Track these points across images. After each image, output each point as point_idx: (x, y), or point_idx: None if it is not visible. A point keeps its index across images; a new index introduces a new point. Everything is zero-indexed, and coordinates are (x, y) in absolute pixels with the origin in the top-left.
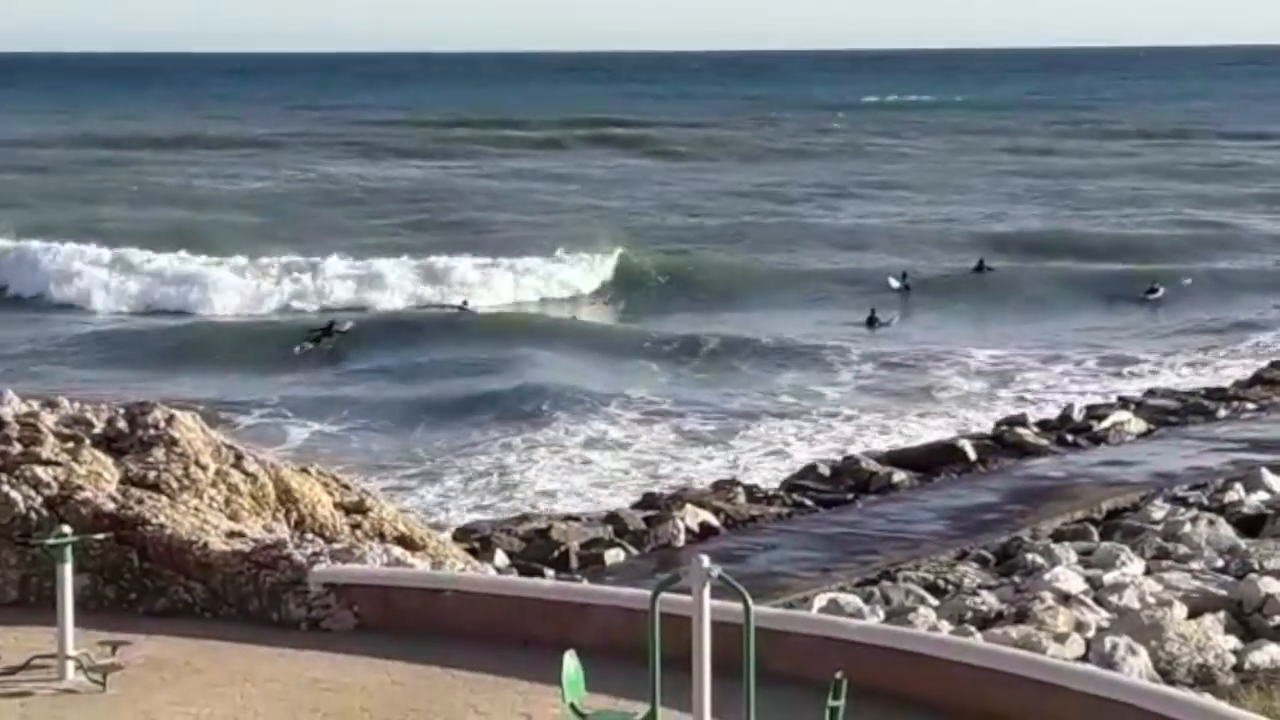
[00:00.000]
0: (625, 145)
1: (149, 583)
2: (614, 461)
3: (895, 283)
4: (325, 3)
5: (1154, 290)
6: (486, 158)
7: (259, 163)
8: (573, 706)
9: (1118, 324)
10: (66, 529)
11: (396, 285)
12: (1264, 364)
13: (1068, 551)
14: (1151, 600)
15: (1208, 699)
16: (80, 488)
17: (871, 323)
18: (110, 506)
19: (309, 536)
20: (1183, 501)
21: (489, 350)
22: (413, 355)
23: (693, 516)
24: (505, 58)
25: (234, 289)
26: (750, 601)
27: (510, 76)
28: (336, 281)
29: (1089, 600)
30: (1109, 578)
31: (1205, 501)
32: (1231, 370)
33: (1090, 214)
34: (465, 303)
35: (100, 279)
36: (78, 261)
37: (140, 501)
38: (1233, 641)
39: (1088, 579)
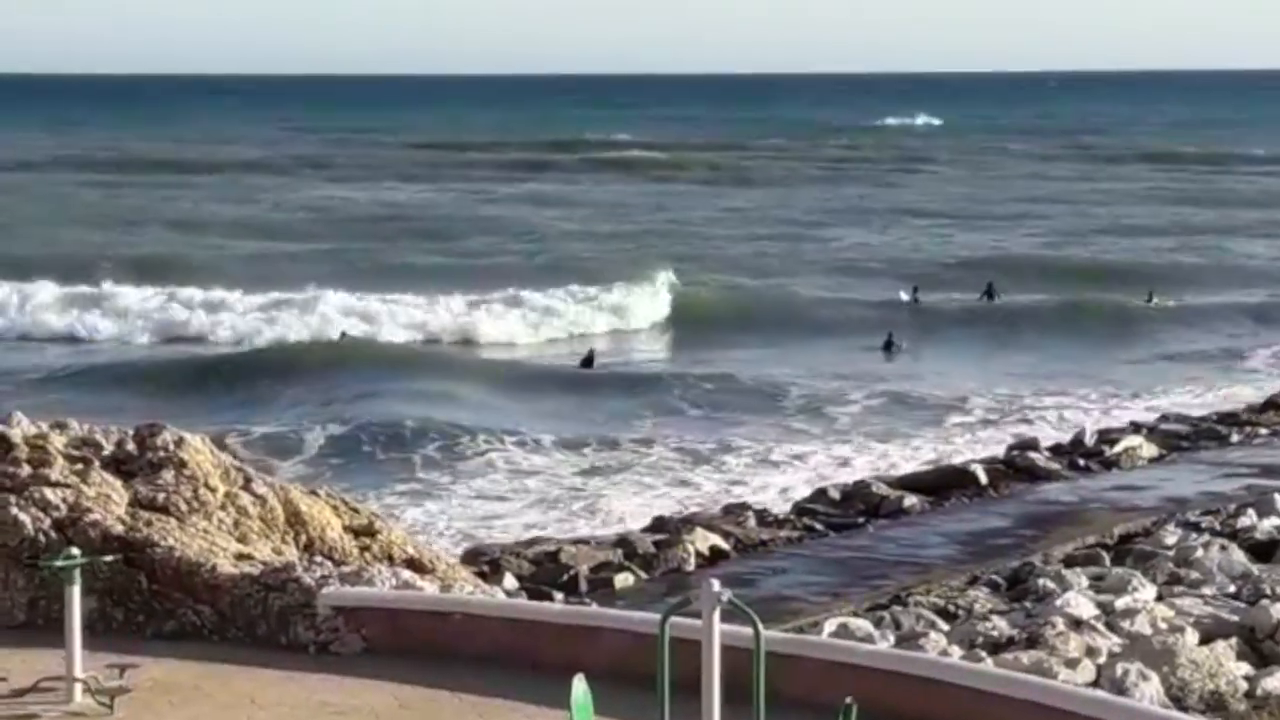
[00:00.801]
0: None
1: (157, 605)
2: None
3: (905, 295)
4: (311, 25)
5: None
6: (490, 181)
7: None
8: None
9: (1123, 350)
10: (75, 551)
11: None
12: (1277, 389)
13: (1079, 577)
14: (1163, 626)
15: None
16: (89, 510)
17: (889, 347)
18: (119, 529)
19: (318, 559)
20: (1195, 527)
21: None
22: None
23: (702, 540)
24: (499, 80)
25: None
26: (760, 626)
27: (499, 98)
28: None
29: (1100, 626)
30: (1121, 603)
31: (1217, 527)
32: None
33: (1096, 239)
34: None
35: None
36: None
37: (149, 524)
38: (1245, 668)
39: (1099, 604)
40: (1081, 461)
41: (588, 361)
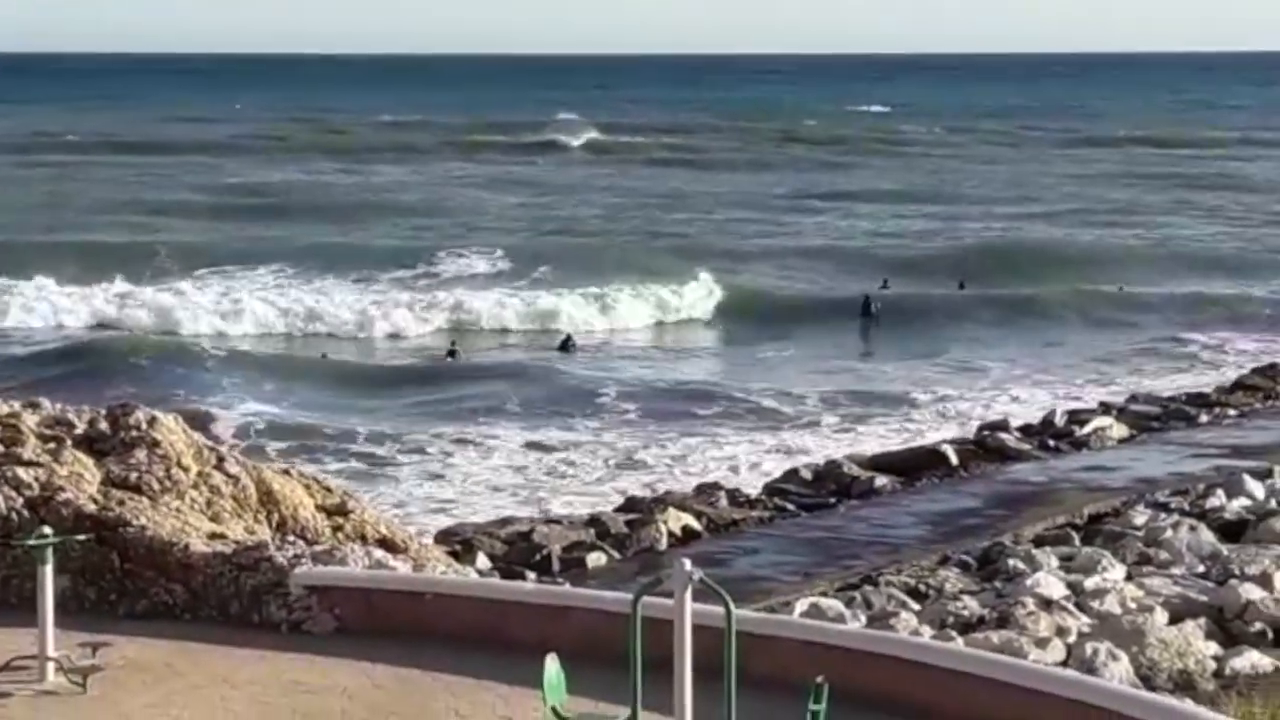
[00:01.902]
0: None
1: (130, 584)
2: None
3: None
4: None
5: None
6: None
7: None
8: (554, 710)
9: (1094, 336)
10: (47, 530)
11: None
12: (1245, 371)
13: (1049, 557)
14: (1133, 606)
15: (1188, 704)
16: (61, 489)
17: (867, 311)
18: (91, 508)
19: (290, 538)
20: (1164, 507)
21: None
22: None
23: (675, 520)
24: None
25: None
26: (732, 605)
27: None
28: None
29: (1070, 606)
30: (1090, 583)
31: (1187, 507)
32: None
33: (1072, 224)
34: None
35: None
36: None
37: (121, 503)
38: (1213, 647)
39: (1069, 584)
40: (1051, 442)
41: (565, 345)
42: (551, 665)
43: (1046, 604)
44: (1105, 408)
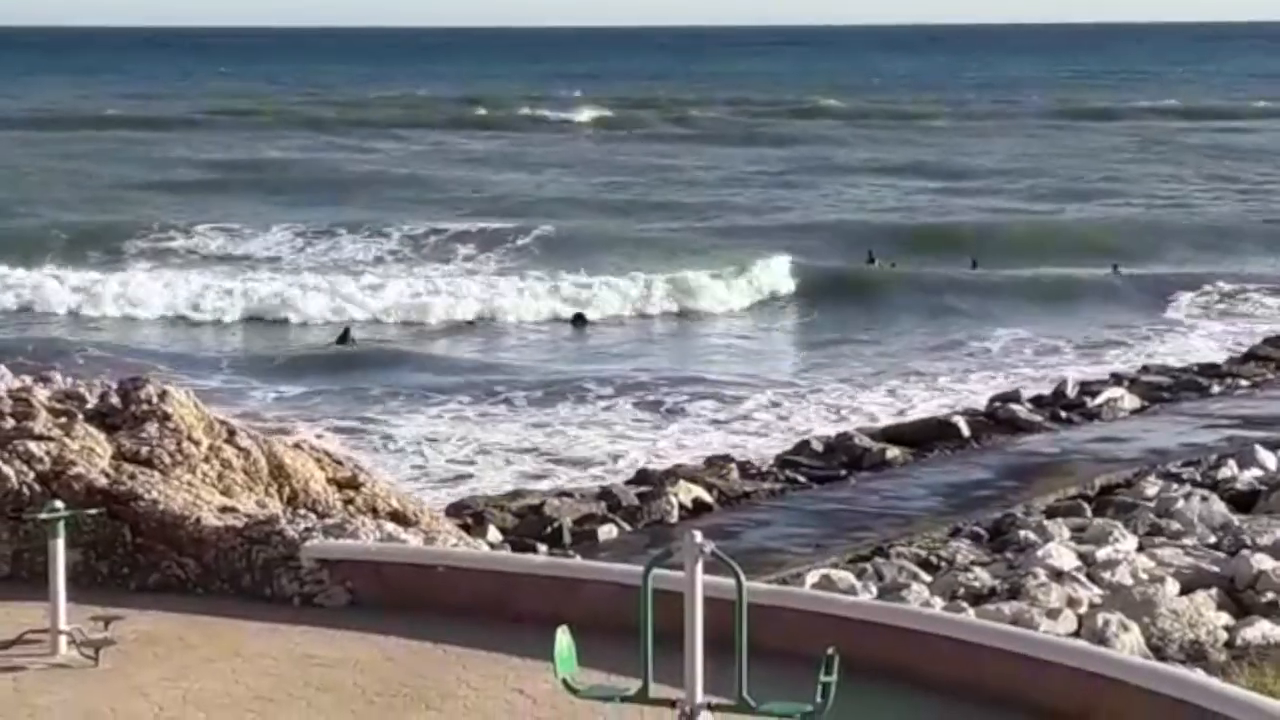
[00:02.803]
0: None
1: (141, 558)
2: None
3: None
4: None
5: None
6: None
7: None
8: (565, 682)
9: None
10: (59, 504)
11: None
12: (1257, 341)
13: (1060, 528)
14: (1144, 577)
15: (1199, 675)
16: (73, 463)
17: (871, 261)
18: (103, 482)
19: (302, 512)
20: (1176, 478)
21: None
22: None
23: (685, 493)
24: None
25: None
26: (743, 577)
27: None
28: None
29: (1081, 577)
30: (1102, 554)
31: (1198, 478)
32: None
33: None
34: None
35: None
36: None
37: (133, 477)
38: (1225, 618)
39: (1080, 555)
40: (1063, 413)
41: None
42: (562, 638)
43: (1058, 575)
44: (1117, 379)
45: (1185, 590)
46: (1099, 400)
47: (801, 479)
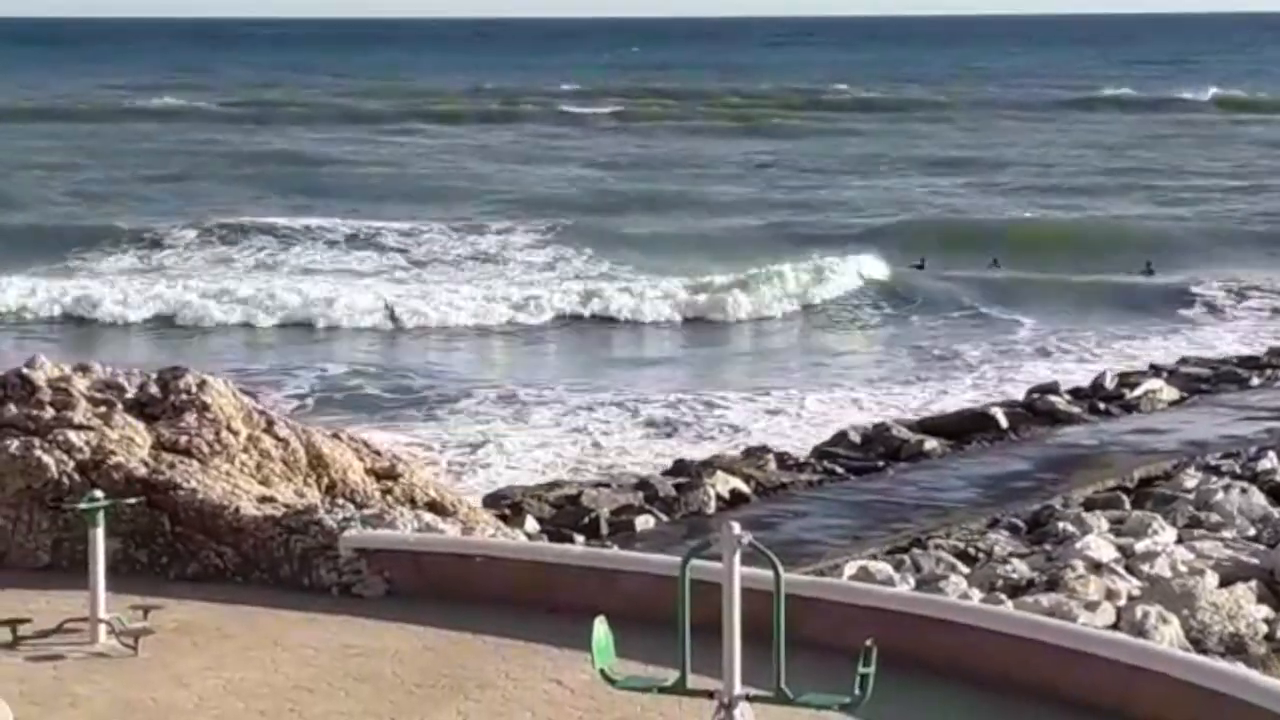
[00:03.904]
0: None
1: (180, 547)
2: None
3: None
4: None
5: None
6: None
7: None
8: (603, 672)
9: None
10: (98, 493)
11: None
12: None
13: (1099, 520)
14: (1183, 569)
15: (1239, 668)
16: (112, 452)
17: (921, 266)
18: (142, 471)
19: (340, 502)
20: (1215, 470)
21: None
22: None
23: (723, 483)
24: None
25: None
26: (780, 568)
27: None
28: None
29: (1120, 569)
30: (1140, 546)
31: (1238, 470)
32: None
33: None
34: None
35: None
36: None
37: (172, 466)
38: (1265, 610)
39: (1119, 547)
40: (1101, 405)
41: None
42: (600, 628)
43: (1096, 567)
44: (1155, 370)
45: (1225, 583)
46: (1138, 392)
47: (839, 470)
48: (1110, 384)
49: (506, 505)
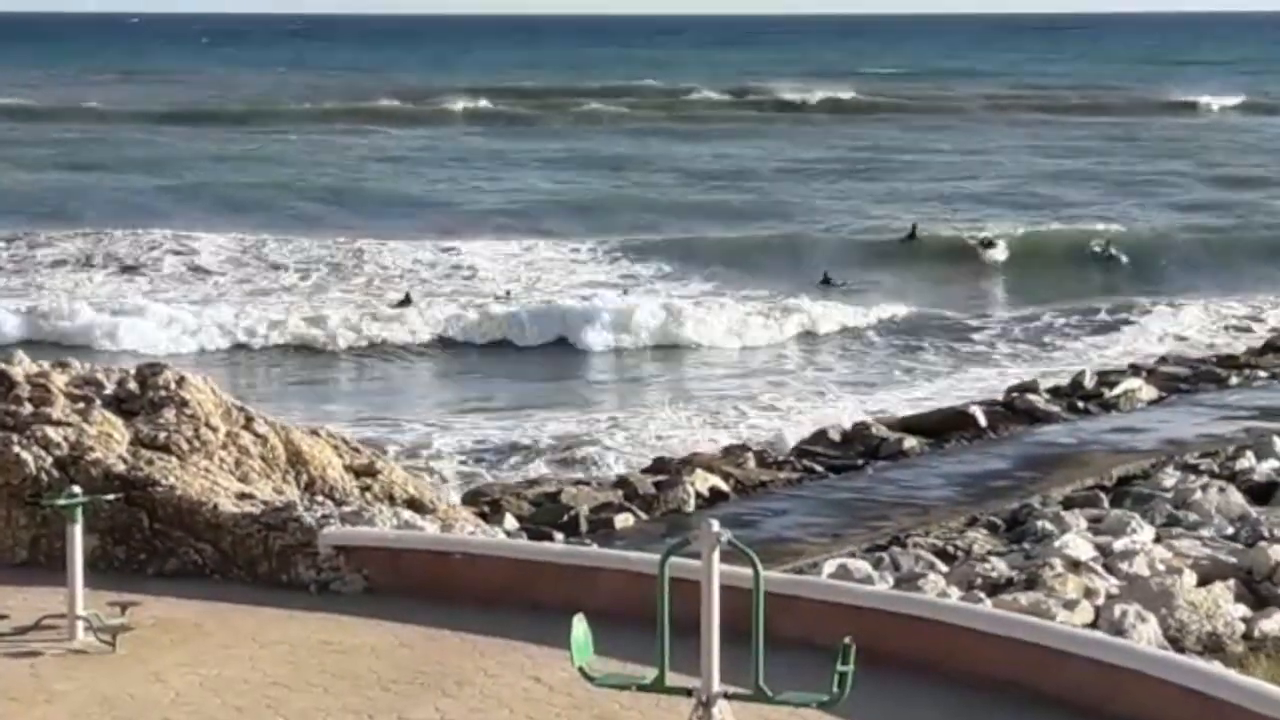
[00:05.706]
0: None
1: (159, 544)
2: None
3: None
4: None
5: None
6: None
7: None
8: (581, 669)
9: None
10: (77, 489)
11: None
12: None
13: (1078, 518)
14: (1161, 568)
15: (1216, 666)
16: (91, 448)
17: (826, 282)
18: (120, 467)
19: (319, 499)
20: (1193, 469)
21: None
22: None
23: (702, 481)
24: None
25: None
26: (759, 566)
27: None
28: None
29: (1099, 567)
30: (1119, 545)
31: (1216, 469)
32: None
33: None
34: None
35: None
36: None
37: (150, 463)
38: (1242, 609)
39: (1098, 546)
40: (1080, 404)
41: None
42: (579, 626)
43: (1075, 565)
44: (1135, 369)
45: (1203, 581)
46: (1116, 391)
47: (818, 468)
48: (1089, 383)
49: (485, 503)
